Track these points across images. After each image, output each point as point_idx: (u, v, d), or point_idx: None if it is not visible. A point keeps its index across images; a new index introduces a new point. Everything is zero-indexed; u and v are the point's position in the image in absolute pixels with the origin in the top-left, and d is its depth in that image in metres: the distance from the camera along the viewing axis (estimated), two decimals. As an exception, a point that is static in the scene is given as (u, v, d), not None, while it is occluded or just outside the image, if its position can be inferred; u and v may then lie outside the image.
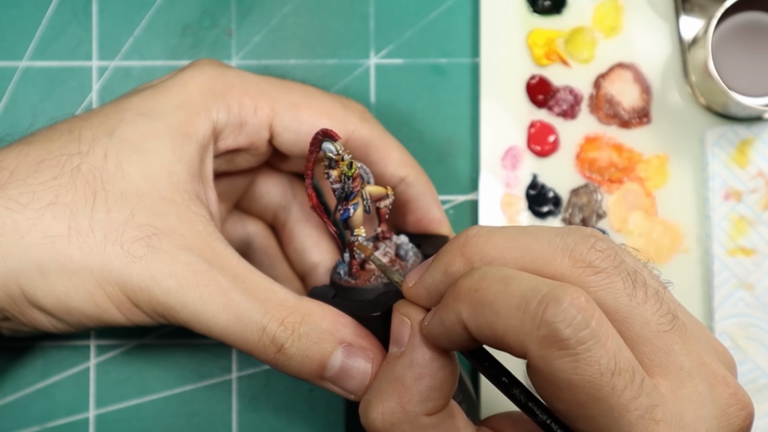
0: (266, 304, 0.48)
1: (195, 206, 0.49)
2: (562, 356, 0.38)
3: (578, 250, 0.41)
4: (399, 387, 0.44)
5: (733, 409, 0.41)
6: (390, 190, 0.52)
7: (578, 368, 0.38)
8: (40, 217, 0.47)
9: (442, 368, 0.44)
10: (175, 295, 0.47)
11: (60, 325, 0.50)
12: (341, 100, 0.55)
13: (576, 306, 0.38)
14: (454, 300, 0.41)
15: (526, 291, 0.39)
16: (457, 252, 0.43)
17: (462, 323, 0.41)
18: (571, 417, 0.39)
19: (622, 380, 0.38)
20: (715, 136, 0.62)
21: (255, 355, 0.48)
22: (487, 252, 0.43)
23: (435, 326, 0.43)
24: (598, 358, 0.38)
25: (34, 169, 0.49)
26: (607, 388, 0.38)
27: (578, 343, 0.38)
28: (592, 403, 0.38)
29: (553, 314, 0.38)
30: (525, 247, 0.42)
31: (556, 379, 0.38)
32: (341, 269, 0.51)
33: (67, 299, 0.48)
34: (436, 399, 0.44)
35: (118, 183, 0.48)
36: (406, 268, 0.51)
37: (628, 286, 0.41)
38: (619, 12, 0.64)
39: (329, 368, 0.48)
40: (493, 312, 0.40)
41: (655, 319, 0.41)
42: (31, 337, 0.61)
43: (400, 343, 0.45)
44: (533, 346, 0.38)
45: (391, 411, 0.44)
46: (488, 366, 0.44)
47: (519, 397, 0.42)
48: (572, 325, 0.38)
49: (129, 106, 0.51)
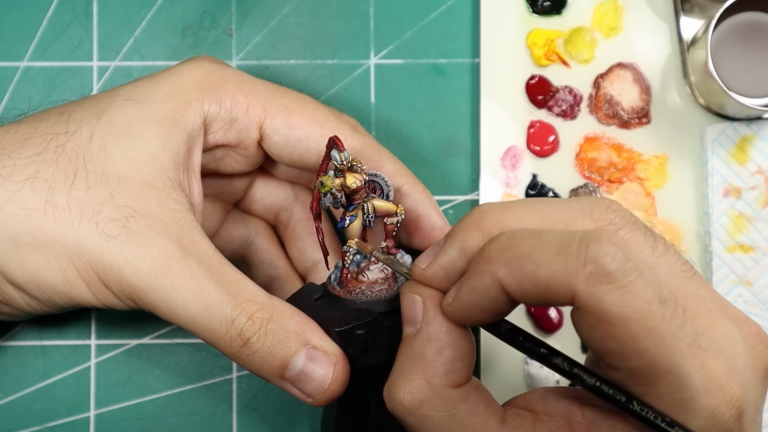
0: (237, 297, 0.48)
1: (176, 194, 0.50)
2: (611, 290, 0.38)
3: (597, 210, 0.43)
4: (422, 363, 0.44)
5: (760, 347, 0.43)
6: (400, 208, 0.51)
7: (628, 300, 0.38)
8: (20, 189, 0.48)
9: (461, 338, 0.44)
10: (146, 278, 0.47)
11: (33, 303, 0.50)
12: (334, 111, 0.55)
13: (615, 243, 0.39)
14: (486, 263, 0.41)
15: (561, 238, 0.40)
16: (474, 227, 0.43)
17: (498, 284, 0.41)
18: (624, 354, 0.39)
19: (669, 309, 0.39)
20: (715, 133, 0.62)
21: (219, 347, 0.48)
22: (506, 222, 0.43)
23: (464, 298, 0.43)
24: (645, 288, 0.39)
25: (19, 145, 0.49)
26: (657, 316, 0.39)
27: (624, 275, 0.38)
28: (644, 334, 0.39)
29: (595, 250, 0.39)
30: (544, 213, 0.43)
31: (607, 315, 0.39)
32: (334, 274, 0.52)
33: (38, 273, 0.48)
34: (459, 370, 0.44)
35: (100, 164, 0.49)
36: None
37: (649, 238, 0.43)
38: (619, 12, 0.64)
39: (290, 368, 0.48)
40: (532, 263, 0.40)
41: (678, 267, 0.43)
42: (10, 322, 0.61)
43: (414, 321, 0.45)
44: (581, 285, 0.39)
45: (417, 388, 0.44)
46: (523, 340, 0.44)
47: (562, 366, 0.42)
48: (616, 259, 0.39)
49: (122, 92, 0.52)
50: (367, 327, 0.48)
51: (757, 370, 0.43)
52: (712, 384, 0.40)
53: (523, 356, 0.62)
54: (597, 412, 0.43)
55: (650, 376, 0.39)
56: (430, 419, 0.44)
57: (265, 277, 0.60)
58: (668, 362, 0.39)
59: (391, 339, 0.48)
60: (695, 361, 0.39)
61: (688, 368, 0.39)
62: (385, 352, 0.48)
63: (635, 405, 0.40)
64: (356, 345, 0.48)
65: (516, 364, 0.62)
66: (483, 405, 0.44)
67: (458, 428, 0.44)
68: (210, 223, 0.58)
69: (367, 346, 0.48)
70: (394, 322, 0.48)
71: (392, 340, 0.47)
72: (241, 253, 0.60)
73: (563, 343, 0.62)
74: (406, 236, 0.57)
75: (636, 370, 0.40)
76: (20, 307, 0.50)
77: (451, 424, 0.44)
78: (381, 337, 0.48)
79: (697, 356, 0.39)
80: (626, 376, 0.40)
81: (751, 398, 0.41)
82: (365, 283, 0.50)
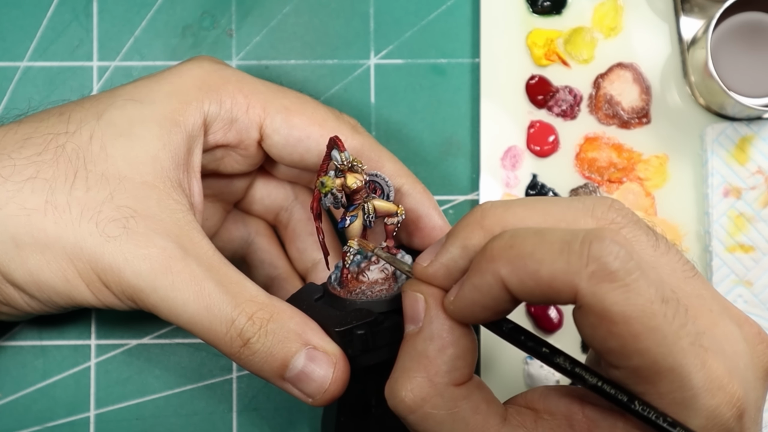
0: (237, 297, 0.48)
1: (176, 194, 0.50)
2: (613, 288, 0.38)
3: (599, 209, 0.43)
4: (424, 361, 0.44)
5: (761, 347, 0.43)
6: (401, 208, 0.51)
7: (630, 298, 0.38)
8: (20, 189, 0.48)
9: (464, 336, 0.44)
10: (146, 278, 0.47)
11: (33, 303, 0.50)
12: (334, 112, 0.55)
13: (617, 241, 0.39)
14: (488, 261, 0.41)
15: (564, 236, 0.40)
16: (476, 225, 0.43)
17: (501, 282, 0.41)
18: (626, 353, 0.39)
19: (671, 308, 0.39)
20: (715, 133, 0.62)
21: (219, 347, 0.48)
22: (508, 221, 0.43)
23: (466, 296, 0.42)
24: (647, 287, 0.39)
25: (19, 145, 0.49)
26: (659, 315, 0.39)
27: (627, 273, 0.38)
28: (646, 333, 0.39)
29: (598, 249, 0.39)
30: (546, 212, 0.43)
31: (609, 313, 0.39)
32: (334, 274, 0.52)
33: (38, 273, 0.48)
34: (461, 368, 0.44)
35: (100, 164, 0.49)
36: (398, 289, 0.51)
37: (651, 238, 0.43)
38: (619, 12, 0.64)
39: (290, 368, 0.48)
40: (535, 261, 0.40)
41: (679, 266, 0.43)
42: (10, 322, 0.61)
43: (416, 319, 0.45)
44: (583, 284, 0.39)
45: (419, 386, 0.44)
46: (525, 339, 0.44)
47: (564, 365, 0.42)
48: (619, 258, 0.39)
49: (122, 92, 0.52)
50: (368, 327, 0.48)
51: (758, 370, 0.43)
52: (713, 383, 0.40)
53: (523, 355, 0.62)
54: (598, 411, 0.43)
55: (651, 375, 0.39)
56: (432, 417, 0.44)
57: (265, 277, 0.60)
58: (669, 361, 0.39)
59: (392, 339, 0.48)
60: (696, 360, 0.39)
61: (689, 367, 0.39)
62: (385, 352, 0.48)
63: (637, 405, 0.40)
64: (356, 345, 0.48)
65: (516, 363, 0.62)
66: (484, 403, 0.44)
67: (460, 426, 0.44)
68: (210, 223, 0.58)
69: (367, 346, 0.48)
70: (394, 322, 0.48)
71: (393, 340, 0.47)
72: (241, 253, 0.60)
73: (563, 343, 0.62)
74: (407, 236, 0.57)
75: (637, 369, 0.40)
76: (20, 307, 0.50)
77: (453, 423, 0.44)
78: (381, 337, 0.48)
79: (698, 356, 0.39)
80: (627, 374, 0.40)
81: (752, 398, 0.42)
82: (365, 283, 0.50)
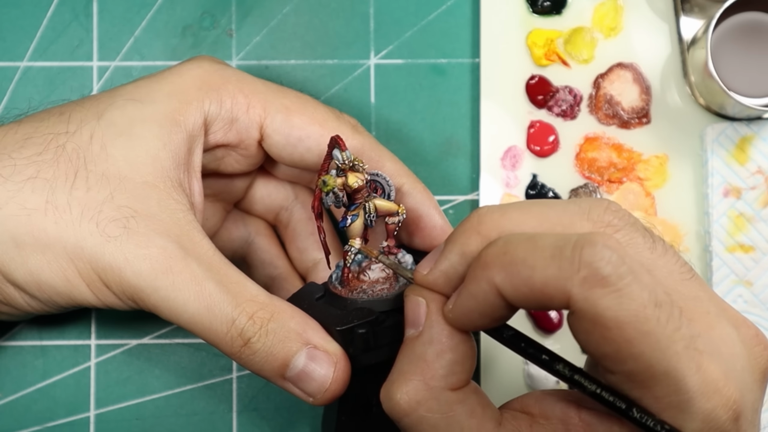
0: (238, 297, 0.48)
1: (176, 194, 0.50)
2: (606, 294, 0.38)
3: (595, 212, 0.43)
4: (421, 364, 0.44)
5: (757, 349, 0.43)
6: (402, 208, 0.51)
7: (623, 303, 0.38)
8: (20, 189, 0.48)
9: (462, 342, 0.44)
10: (146, 278, 0.47)
11: (33, 303, 0.50)
12: (335, 112, 0.55)
13: (609, 246, 0.39)
14: (483, 269, 0.41)
15: (556, 242, 0.40)
16: (472, 231, 0.43)
17: (495, 289, 0.41)
18: (620, 357, 0.39)
19: (665, 312, 0.39)
20: (715, 133, 0.62)
21: (220, 347, 0.48)
22: (504, 226, 0.43)
23: (464, 303, 0.43)
24: (640, 292, 0.38)
25: (20, 145, 0.49)
26: (652, 320, 0.38)
27: (619, 278, 0.38)
28: (640, 338, 0.38)
29: (590, 254, 0.39)
30: (542, 216, 0.43)
31: (602, 319, 0.39)
32: (335, 273, 0.52)
33: (39, 273, 0.48)
34: (459, 373, 0.44)
35: (100, 164, 0.49)
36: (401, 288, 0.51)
37: (648, 240, 0.43)
38: (619, 12, 0.64)
39: (291, 368, 0.48)
40: (527, 267, 0.40)
41: (677, 268, 0.43)
42: (10, 322, 0.61)
43: (416, 323, 0.45)
44: (576, 289, 0.39)
45: (415, 389, 0.44)
46: (525, 346, 0.44)
47: (563, 372, 0.42)
48: (611, 263, 0.38)
49: (122, 92, 0.52)
50: (369, 326, 0.48)
51: (755, 373, 0.43)
52: (708, 386, 0.40)
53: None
54: (594, 415, 0.43)
55: (646, 379, 0.39)
56: (426, 421, 0.44)
57: (265, 276, 0.60)
58: (664, 365, 0.39)
59: (393, 338, 0.48)
60: (691, 363, 0.39)
61: (684, 371, 0.39)
62: (386, 352, 0.48)
63: (635, 412, 0.40)
64: (358, 344, 0.48)
65: (516, 364, 0.62)
66: (480, 408, 0.44)
67: (454, 430, 0.44)
68: (210, 223, 0.58)
69: (368, 345, 0.48)
70: (395, 321, 0.48)
71: (394, 340, 0.47)
72: (241, 253, 0.60)
73: (563, 343, 0.62)
74: (407, 236, 0.57)
75: (632, 373, 0.40)
76: (21, 307, 0.50)
77: (448, 426, 0.44)
78: (382, 337, 0.48)
79: (693, 359, 0.39)
80: (623, 379, 0.40)
81: (749, 400, 0.41)
82: (367, 282, 0.50)
